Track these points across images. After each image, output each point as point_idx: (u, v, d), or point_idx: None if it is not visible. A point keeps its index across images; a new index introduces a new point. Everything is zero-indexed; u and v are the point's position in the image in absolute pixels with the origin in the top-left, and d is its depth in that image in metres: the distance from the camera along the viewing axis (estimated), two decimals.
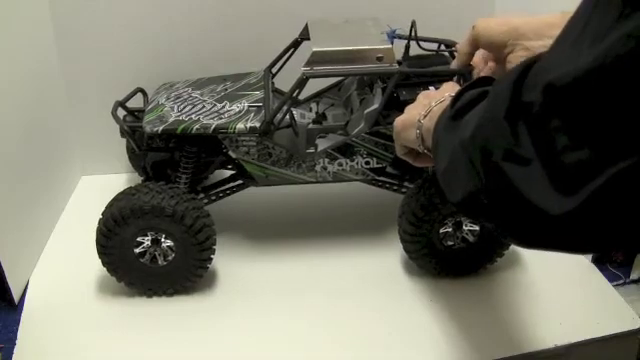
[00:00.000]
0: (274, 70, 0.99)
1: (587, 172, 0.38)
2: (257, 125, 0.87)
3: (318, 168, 0.91)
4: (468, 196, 0.48)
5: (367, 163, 0.91)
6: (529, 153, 0.41)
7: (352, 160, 0.90)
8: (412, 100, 0.79)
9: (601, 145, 0.37)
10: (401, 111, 0.74)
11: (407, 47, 0.91)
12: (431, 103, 0.67)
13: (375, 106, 0.88)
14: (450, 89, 0.68)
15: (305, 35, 0.93)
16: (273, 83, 0.98)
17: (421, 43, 0.90)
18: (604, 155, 0.37)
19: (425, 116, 0.66)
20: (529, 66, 0.43)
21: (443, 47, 0.93)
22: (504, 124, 0.42)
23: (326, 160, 0.90)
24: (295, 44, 0.96)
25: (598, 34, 0.36)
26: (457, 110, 0.54)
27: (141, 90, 1.01)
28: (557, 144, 0.39)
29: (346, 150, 0.90)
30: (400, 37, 0.89)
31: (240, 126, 0.87)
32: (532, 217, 0.41)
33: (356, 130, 0.90)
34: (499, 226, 0.47)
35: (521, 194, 0.41)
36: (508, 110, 0.42)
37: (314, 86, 0.97)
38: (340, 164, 0.91)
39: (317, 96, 1.01)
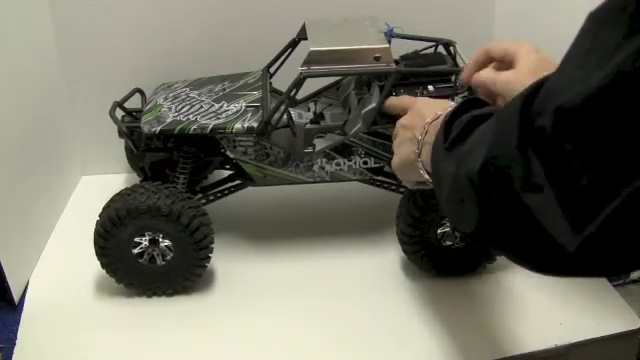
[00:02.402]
0: (272, 70, 0.99)
1: (603, 194, 0.37)
2: (254, 125, 0.87)
3: (316, 168, 0.90)
4: (481, 226, 0.47)
5: (365, 163, 0.90)
6: (541, 179, 0.40)
7: (350, 160, 0.90)
8: None
9: (616, 165, 0.36)
10: None
11: (417, 51, 0.92)
12: (417, 136, 0.66)
13: (373, 105, 0.87)
14: (427, 114, 0.67)
15: (303, 35, 0.93)
16: (271, 83, 0.98)
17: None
18: (619, 176, 0.36)
19: (419, 153, 0.66)
20: (535, 90, 0.42)
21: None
22: (517, 153, 0.41)
23: (324, 160, 0.90)
24: (293, 44, 0.96)
25: (606, 52, 0.36)
26: (452, 141, 0.54)
27: (139, 90, 1.01)
28: (571, 168, 0.38)
29: (344, 150, 0.89)
30: (398, 36, 0.89)
31: (237, 126, 0.87)
32: (549, 247, 0.41)
33: (354, 130, 0.89)
34: (514, 255, 0.47)
35: (539, 223, 0.41)
36: (520, 138, 0.42)
37: (312, 86, 0.97)
38: (338, 164, 0.90)
39: (315, 96, 1.01)
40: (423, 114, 0.68)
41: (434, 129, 0.62)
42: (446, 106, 0.65)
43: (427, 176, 0.66)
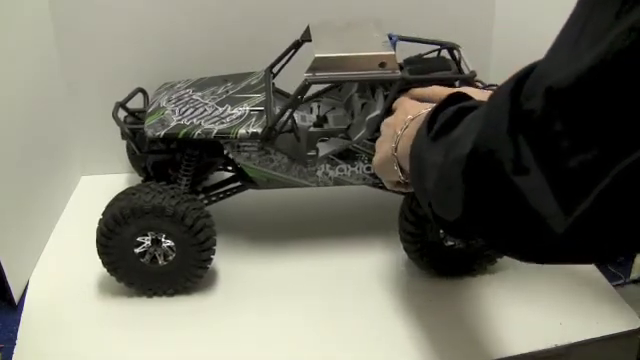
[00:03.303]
0: (275, 70, 0.99)
1: (593, 174, 0.37)
2: (259, 131, 0.87)
3: (319, 173, 0.90)
4: (467, 212, 0.47)
5: (368, 169, 0.90)
6: (530, 162, 0.40)
7: (353, 165, 0.90)
8: None
9: (607, 144, 0.36)
10: None
11: (420, 55, 0.92)
12: (397, 132, 0.66)
13: (377, 112, 0.88)
14: (410, 112, 0.68)
15: (306, 37, 0.93)
16: (274, 84, 0.98)
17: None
18: (608, 155, 0.36)
19: (396, 148, 0.66)
20: (525, 75, 0.42)
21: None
22: (508, 138, 0.41)
23: (327, 166, 0.90)
24: (296, 45, 0.96)
25: (597, 33, 0.36)
26: (437, 131, 0.54)
27: (141, 90, 1.01)
28: (560, 148, 0.38)
29: (347, 156, 0.90)
30: (403, 39, 0.89)
31: (242, 131, 0.87)
32: (537, 230, 0.41)
33: (358, 136, 0.90)
34: (499, 241, 0.47)
35: (528, 205, 0.40)
36: (510, 123, 0.42)
37: (315, 86, 0.97)
38: (341, 169, 0.90)
39: (318, 96, 1.01)
40: (407, 112, 0.68)
41: (415, 125, 0.62)
42: (430, 107, 0.66)
43: (400, 173, 0.66)
